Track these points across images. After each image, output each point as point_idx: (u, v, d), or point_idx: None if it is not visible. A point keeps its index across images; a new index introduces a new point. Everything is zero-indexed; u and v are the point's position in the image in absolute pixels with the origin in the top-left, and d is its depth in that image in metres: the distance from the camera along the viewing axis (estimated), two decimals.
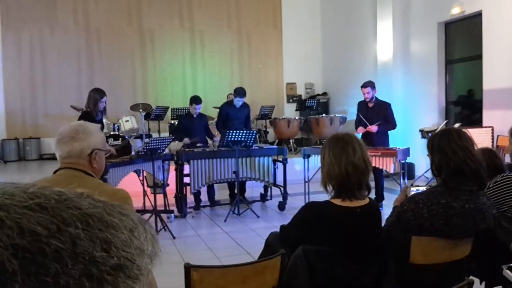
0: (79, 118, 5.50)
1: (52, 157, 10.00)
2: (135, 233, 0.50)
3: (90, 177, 2.10)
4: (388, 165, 5.76)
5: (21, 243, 0.42)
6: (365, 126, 6.46)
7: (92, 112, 5.40)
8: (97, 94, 5.43)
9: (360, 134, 6.52)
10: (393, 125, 6.55)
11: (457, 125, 6.90)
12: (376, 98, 6.54)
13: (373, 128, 6.35)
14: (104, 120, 6.92)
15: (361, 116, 6.55)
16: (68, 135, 2.10)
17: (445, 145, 2.29)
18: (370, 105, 6.50)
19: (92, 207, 0.48)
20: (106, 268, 0.46)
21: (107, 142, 7.64)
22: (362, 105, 6.64)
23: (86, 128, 2.13)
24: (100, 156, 2.14)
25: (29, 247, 0.42)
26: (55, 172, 2.14)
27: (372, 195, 5.76)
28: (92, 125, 2.20)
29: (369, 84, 6.43)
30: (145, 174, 6.02)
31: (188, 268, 1.95)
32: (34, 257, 0.42)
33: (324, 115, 10.24)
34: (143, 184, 5.95)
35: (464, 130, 2.47)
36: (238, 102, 6.86)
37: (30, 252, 0.42)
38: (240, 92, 6.83)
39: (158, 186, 5.90)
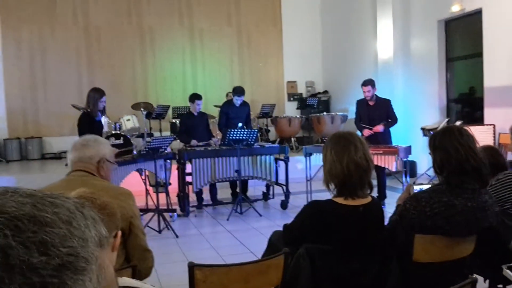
0: (79, 119, 5.50)
1: (54, 157, 10.03)
2: (73, 223, 0.47)
3: (98, 178, 2.28)
4: (390, 164, 5.76)
5: None
6: (370, 127, 6.45)
7: (92, 111, 5.40)
8: (96, 93, 5.42)
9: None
10: (395, 121, 6.55)
11: (458, 123, 6.90)
12: (376, 96, 6.53)
13: (379, 128, 6.34)
14: (105, 119, 6.94)
15: (361, 115, 6.57)
16: (80, 143, 2.37)
17: (447, 143, 2.29)
18: (371, 103, 6.49)
19: (19, 206, 0.45)
20: (48, 272, 0.43)
21: (109, 140, 7.66)
22: (362, 104, 6.62)
23: (97, 139, 2.40)
24: (107, 166, 2.35)
25: None
26: (67, 174, 2.33)
27: (375, 193, 5.79)
28: (103, 139, 2.50)
29: (370, 83, 6.42)
30: (147, 173, 6.03)
31: (192, 267, 1.96)
32: None
33: (325, 113, 10.25)
34: (145, 183, 5.96)
35: (466, 128, 2.48)
36: (237, 101, 6.87)
37: None
38: (238, 91, 6.84)
39: (160, 185, 5.91)
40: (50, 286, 0.42)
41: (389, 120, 6.48)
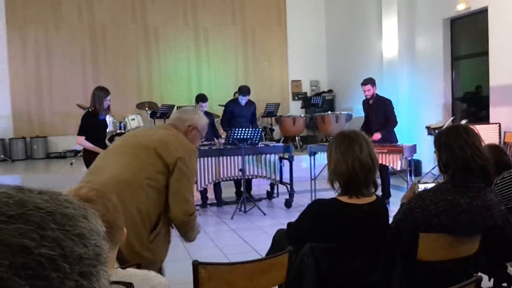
0: (83, 118, 5.47)
1: (59, 156, 10.07)
2: (88, 218, 0.49)
3: (179, 134, 2.71)
4: (395, 162, 5.74)
5: (18, 261, 0.40)
6: (368, 126, 6.43)
7: (96, 110, 5.36)
8: (102, 92, 5.39)
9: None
10: (393, 122, 6.38)
11: (463, 121, 6.87)
12: (377, 94, 6.50)
13: (376, 136, 6.23)
14: (109, 118, 6.95)
15: (365, 115, 6.57)
16: (183, 108, 3.01)
17: (452, 142, 2.28)
18: (371, 101, 6.47)
19: (46, 202, 0.47)
20: (90, 262, 0.46)
21: (113, 139, 7.68)
22: (365, 103, 6.62)
23: (196, 111, 2.96)
24: (194, 134, 2.80)
25: (26, 262, 0.41)
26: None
27: (379, 192, 5.78)
28: (201, 113, 2.96)
29: (369, 82, 6.38)
30: None
31: (196, 265, 1.97)
32: (36, 272, 0.41)
33: (329, 112, 10.24)
34: None
35: (471, 126, 2.47)
36: (242, 100, 6.88)
37: (30, 267, 0.41)
38: (243, 90, 6.84)
39: None
40: (92, 276, 0.46)
41: (387, 122, 6.35)
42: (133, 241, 2.46)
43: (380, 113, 6.39)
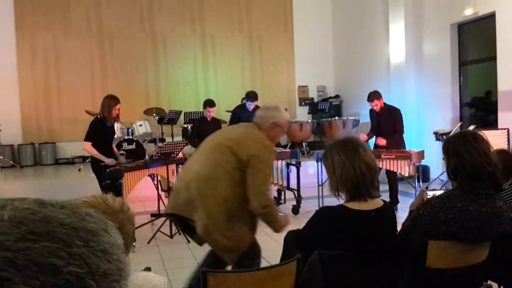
0: (91, 124, 5.53)
1: (68, 162, 10.13)
2: (109, 231, 0.49)
3: (259, 132, 2.94)
4: (403, 168, 5.71)
5: (48, 281, 0.40)
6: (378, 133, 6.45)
7: (105, 118, 5.41)
8: (111, 101, 5.44)
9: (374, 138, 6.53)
10: (399, 132, 6.45)
11: (472, 127, 6.84)
12: (385, 104, 6.51)
13: (382, 141, 6.28)
14: (117, 125, 6.98)
15: (372, 123, 6.58)
16: (266, 106, 3.27)
17: (461, 148, 2.28)
18: (379, 111, 6.49)
19: (69, 217, 0.46)
20: (115, 278, 0.46)
21: (121, 146, 7.72)
22: (372, 112, 6.63)
23: (279, 108, 3.18)
24: (277, 131, 3.04)
25: (56, 282, 0.40)
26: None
27: (386, 198, 5.75)
28: (284, 110, 3.21)
29: (374, 97, 6.40)
30: (159, 178, 6.06)
31: (205, 273, 1.97)
32: None
33: (336, 118, 10.21)
34: (157, 188, 5.99)
35: (480, 132, 2.46)
36: (249, 105, 6.90)
37: (60, 286, 0.40)
38: (251, 96, 6.86)
39: None
40: None
41: (394, 132, 6.41)
42: (212, 229, 2.82)
43: (389, 123, 6.41)
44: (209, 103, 6.95)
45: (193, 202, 2.87)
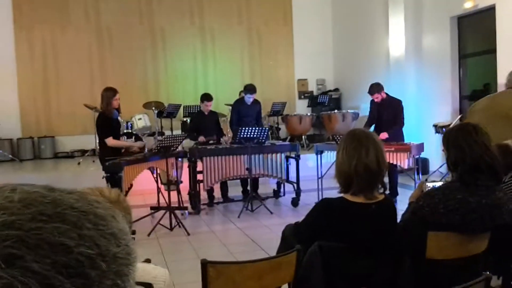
0: (97, 119, 5.59)
1: (67, 156, 10.13)
2: (116, 217, 0.50)
3: None
4: (402, 161, 5.72)
5: (60, 260, 0.41)
6: (378, 125, 6.43)
7: (106, 111, 5.46)
8: (109, 92, 5.48)
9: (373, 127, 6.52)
10: (399, 124, 6.43)
11: None
12: (387, 95, 6.50)
13: (384, 135, 6.25)
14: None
15: (373, 114, 6.57)
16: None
17: (461, 140, 2.28)
18: (382, 103, 6.48)
19: (78, 202, 0.47)
20: (123, 261, 0.46)
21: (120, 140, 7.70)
22: (373, 102, 6.61)
23: None
24: None
25: (68, 261, 0.41)
26: None
27: (386, 191, 5.73)
28: None
29: (376, 90, 6.38)
30: (159, 172, 6.06)
31: (205, 264, 1.97)
32: (77, 270, 0.41)
33: (336, 111, 10.20)
34: (157, 182, 5.99)
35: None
36: (248, 99, 6.87)
37: (71, 266, 0.41)
38: (250, 88, 6.84)
39: (172, 183, 5.93)
40: (125, 276, 0.46)
41: (394, 123, 6.39)
42: None
43: (390, 114, 6.40)
44: (206, 97, 6.93)
45: None
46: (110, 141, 5.44)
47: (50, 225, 0.43)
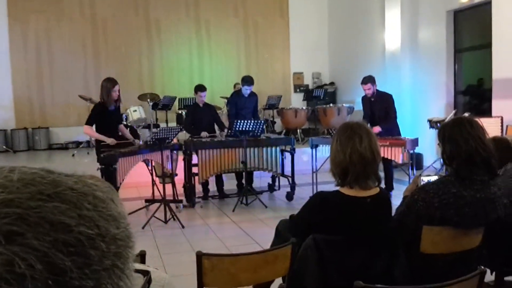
0: (93, 109, 5.54)
1: (61, 147, 10.08)
2: (115, 201, 0.50)
3: None
4: (397, 155, 5.73)
5: (60, 238, 0.41)
6: (372, 121, 6.45)
7: (106, 102, 5.41)
8: (109, 83, 5.44)
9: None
10: (391, 117, 6.42)
11: (466, 114, 6.85)
12: (377, 90, 6.50)
13: (377, 128, 6.27)
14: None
15: (365, 111, 6.58)
16: None
17: (456, 134, 2.28)
18: (373, 99, 6.47)
19: (76, 184, 0.47)
20: (122, 243, 0.47)
21: None
22: (365, 99, 6.61)
23: None
24: None
25: (68, 239, 0.41)
26: None
27: (382, 184, 5.75)
28: None
29: (369, 80, 6.38)
30: (153, 164, 6.05)
31: (200, 256, 1.97)
32: (77, 249, 0.42)
33: (331, 105, 10.21)
34: (152, 174, 5.98)
35: (476, 119, 2.46)
36: (246, 90, 6.84)
37: (71, 244, 0.42)
38: (248, 80, 6.81)
39: (167, 176, 5.92)
40: (125, 258, 0.46)
41: (387, 114, 6.40)
42: None
43: (382, 109, 6.41)
44: (199, 88, 6.88)
45: None
46: (86, 129, 5.39)
47: (50, 204, 0.43)
